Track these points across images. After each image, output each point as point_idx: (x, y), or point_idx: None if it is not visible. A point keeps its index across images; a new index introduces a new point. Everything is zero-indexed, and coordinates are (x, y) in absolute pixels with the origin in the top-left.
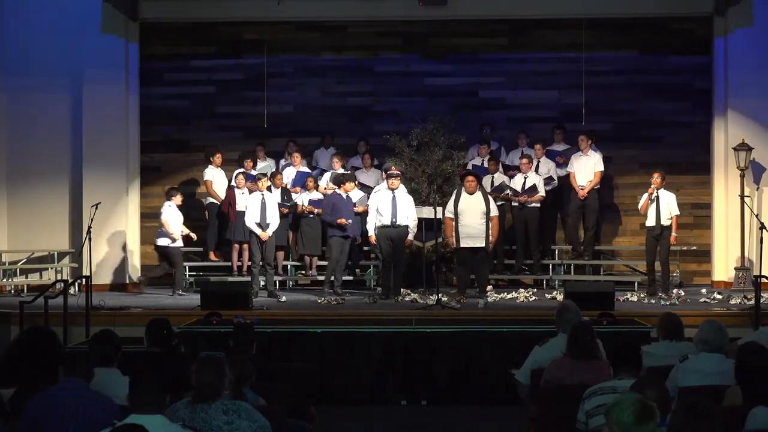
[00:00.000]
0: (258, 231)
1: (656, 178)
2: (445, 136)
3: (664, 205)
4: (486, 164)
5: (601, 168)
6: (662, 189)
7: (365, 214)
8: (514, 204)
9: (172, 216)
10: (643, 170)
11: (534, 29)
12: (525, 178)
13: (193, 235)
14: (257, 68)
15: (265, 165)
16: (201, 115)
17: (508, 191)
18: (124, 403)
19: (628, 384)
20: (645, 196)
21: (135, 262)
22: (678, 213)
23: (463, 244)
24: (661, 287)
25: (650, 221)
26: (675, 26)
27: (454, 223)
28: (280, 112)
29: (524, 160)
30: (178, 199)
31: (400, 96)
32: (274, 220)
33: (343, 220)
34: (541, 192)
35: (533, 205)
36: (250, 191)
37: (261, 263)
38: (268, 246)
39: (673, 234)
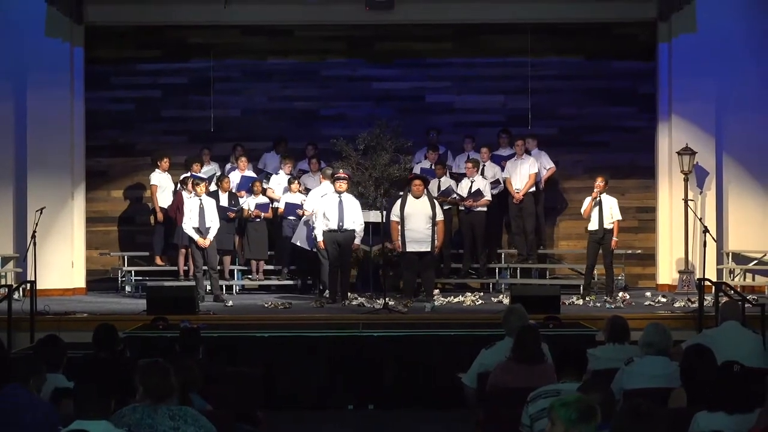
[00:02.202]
0: (196, 237)
1: (599, 182)
2: (391, 140)
3: (607, 210)
4: (433, 167)
5: (535, 170)
6: (605, 193)
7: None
8: (461, 208)
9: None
10: (588, 174)
11: (480, 34)
12: (471, 182)
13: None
14: (203, 72)
15: (209, 169)
16: (147, 119)
17: (455, 195)
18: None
19: (573, 387)
20: (588, 200)
21: (80, 267)
22: (620, 218)
23: (408, 249)
24: (606, 290)
25: (593, 225)
26: (619, 32)
27: (400, 227)
28: (227, 116)
29: (469, 165)
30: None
31: (346, 100)
32: (213, 225)
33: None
34: (487, 196)
35: (479, 209)
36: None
37: (204, 268)
38: (209, 251)
39: (614, 239)
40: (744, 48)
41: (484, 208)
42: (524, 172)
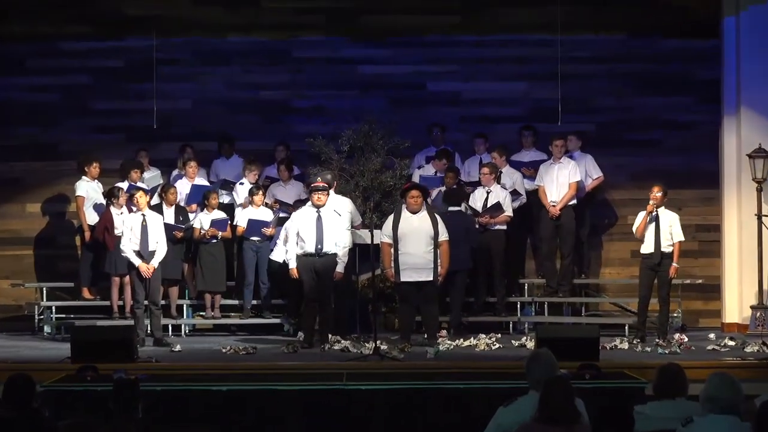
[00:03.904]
0: (137, 262)
1: (656, 192)
2: (384, 139)
3: (665, 228)
4: (438, 174)
5: (578, 178)
6: (663, 207)
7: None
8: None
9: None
10: (634, 183)
11: (496, 5)
12: (487, 192)
13: None
14: (144, 53)
15: (151, 176)
16: (73, 112)
17: (467, 210)
18: None
19: None
20: (641, 215)
21: None
22: (682, 238)
23: (404, 278)
24: (659, 331)
25: (647, 247)
26: (673, 2)
27: (393, 250)
28: (174, 109)
29: (486, 170)
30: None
31: (326, 89)
32: (160, 248)
33: None
34: (508, 211)
35: (498, 227)
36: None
37: (145, 303)
38: (152, 281)
39: (674, 264)
40: None
41: (504, 227)
42: (563, 180)
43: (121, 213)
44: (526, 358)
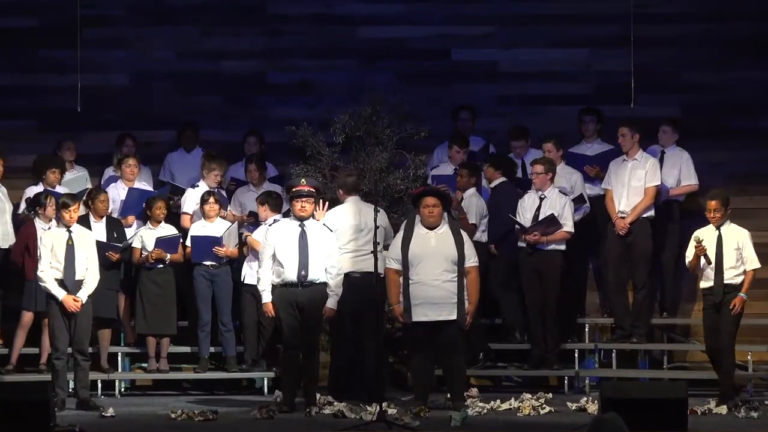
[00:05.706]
0: (60, 294)
1: (714, 206)
2: (392, 127)
3: (730, 252)
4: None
5: (656, 182)
6: (727, 223)
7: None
8: (520, 245)
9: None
10: (735, 186)
11: None
12: (541, 198)
13: None
14: (65, 11)
15: (72, 178)
16: None
17: (514, 223)
18: None
19: None
20: (696, 235)
21: None
22: (758, 264)
23: (417, 317)
24: (721, 393)
25: (707, 280)
26: None
27: (401, 278)
28: (106, 86)
29: (539, 168)
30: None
31: (314, 58)
32: (90, 275)
33: None
34: (567, 225)
35: (553, 246)
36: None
37: (69, 351)
38: (79, 321)
39: (741, 295)
40: None
41: (562, 246)
42: (637, 183)
43: (49, 228)
44: (586, 426)
